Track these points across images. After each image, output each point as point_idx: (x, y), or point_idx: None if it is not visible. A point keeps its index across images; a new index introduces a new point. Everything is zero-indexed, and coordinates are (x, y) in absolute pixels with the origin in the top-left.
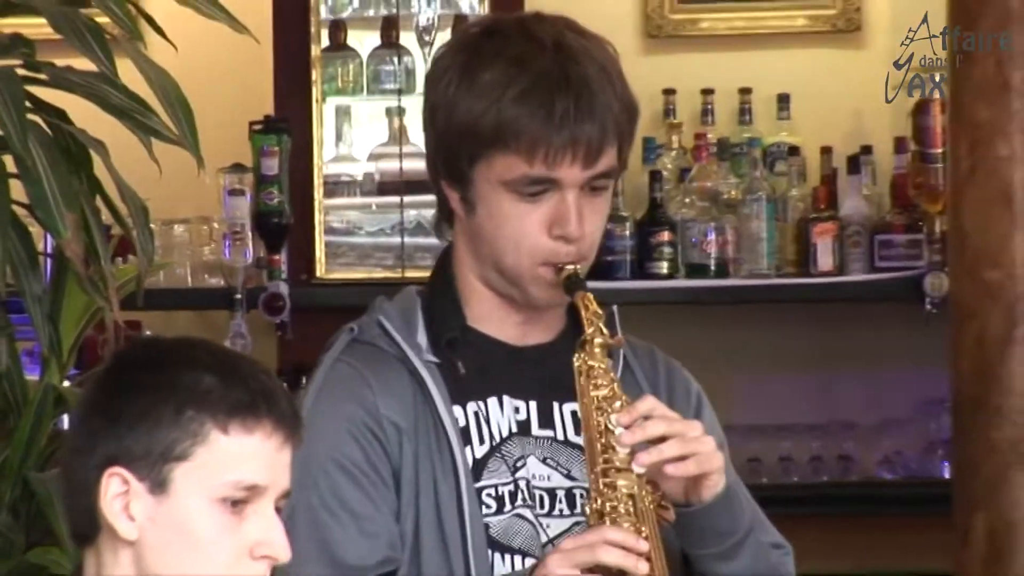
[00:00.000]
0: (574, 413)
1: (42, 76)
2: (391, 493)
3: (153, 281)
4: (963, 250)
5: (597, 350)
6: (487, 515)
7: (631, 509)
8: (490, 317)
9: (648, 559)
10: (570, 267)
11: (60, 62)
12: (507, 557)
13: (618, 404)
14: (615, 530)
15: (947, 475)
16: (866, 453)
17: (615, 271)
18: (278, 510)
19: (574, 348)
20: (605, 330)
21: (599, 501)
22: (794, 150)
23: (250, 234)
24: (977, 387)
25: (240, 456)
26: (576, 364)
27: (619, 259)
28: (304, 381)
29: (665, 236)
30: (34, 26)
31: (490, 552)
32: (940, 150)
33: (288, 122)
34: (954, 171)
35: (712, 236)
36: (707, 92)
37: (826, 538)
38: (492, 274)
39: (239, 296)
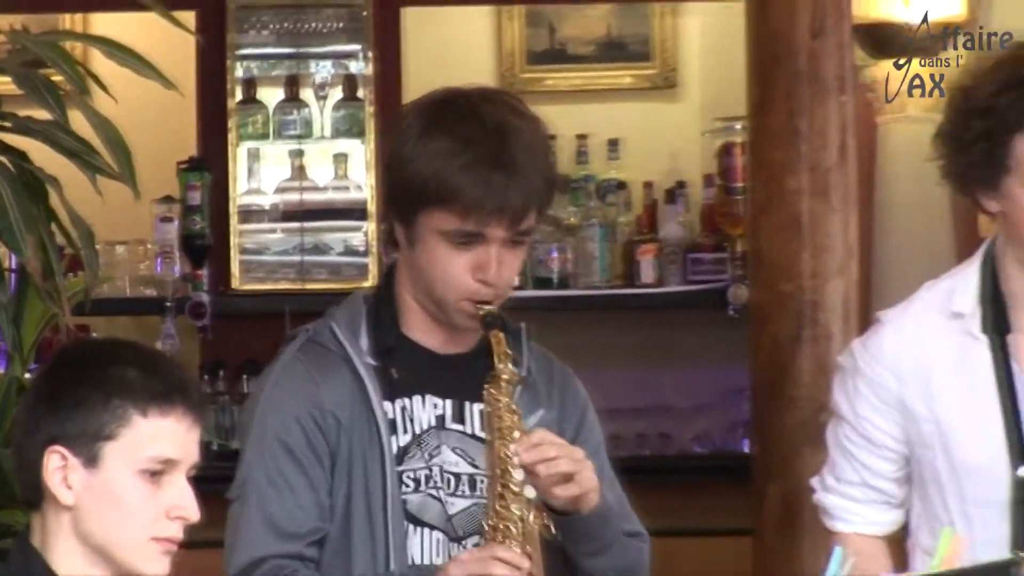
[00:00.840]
0: (482, 412)
1: (7, 124)
2: (326, 473)
3: (98, 292)
4: (760, 266)
5: (503, 385)
6: (406, 493)
7: (520, 529)
8: (420, 328)
9: (529, 574)
10: (488, 307)
11: (22, 112)
12: (420, 528)
13: (517, 434)
14: (504, 548)
15: (747, 450)
16: (681, 432)
17: None
18: (190, 479)
19: (484, 357)
20: (511, 367)
21: (495, 520)
22: (622, 184)
23: (178, 253)
24: (772, 379)
25: (157, 436)
26: (486, 396)
27: None
28: (221, 373)
29: None
30: (1, 83)
31: (406, 523)
32: (741, 184)
33: (209, 162)
34: (753, 202)
35: (555, 255)
36: (551, 138)
37: (649, 502)
38: (423, 297)
39: (169, 304)
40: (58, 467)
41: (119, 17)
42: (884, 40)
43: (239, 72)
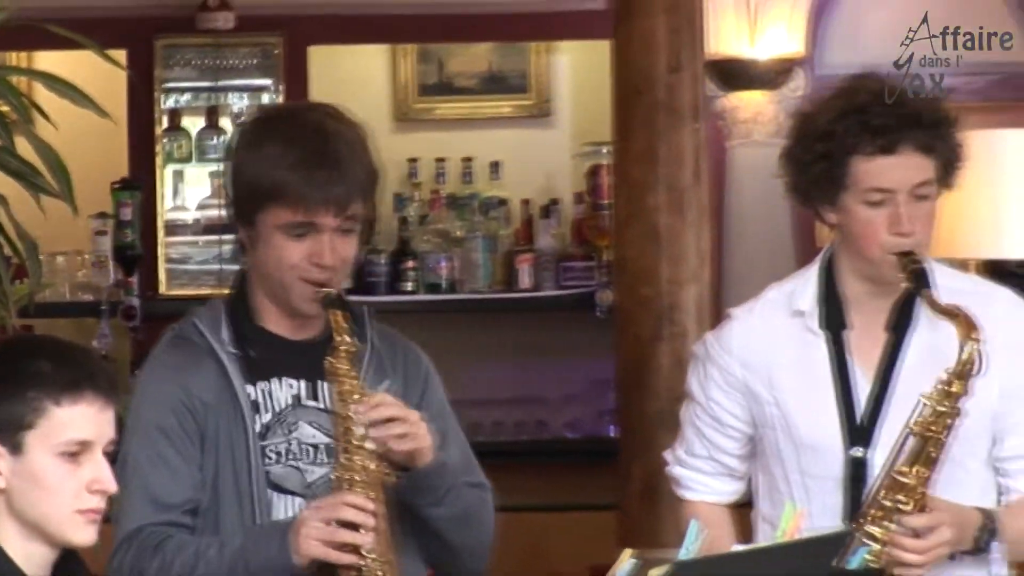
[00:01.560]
0: (333, 347)
1: None
2: (197, 451)
3: (41, 297)
4: (624, 273)
5: (343, 355)
6: (268, 465)
7: (364, 478)
8: (272, 319)
9: (374, 514)
10: (326, 289)
11: None
12: (282, 496)
13: (356, 396)
14: (351, 494)
15: (613, 435)
16: (555, 419)
17: (375, 289)
18: (106, 455)
19: (331, 340)
20: (349, 339)
21: (341, 471)
22: (503, 201)
23: (111, 263)
24: (635, 372)
25: (71, 421)
26: (327, 366)
27: (378, 280)
28: None
29: (410, 264)
30: None
31: (270, 492)
32: (607, 201)
33: (138, 182)
34: (617, 217)
35: (444, 263)
36: (440, 160)
37: (528, 482)
38: (271, 290)
39: (103, 308)
40: None
41: (60, 55)
42: (732, 74)
43: (165, 103)
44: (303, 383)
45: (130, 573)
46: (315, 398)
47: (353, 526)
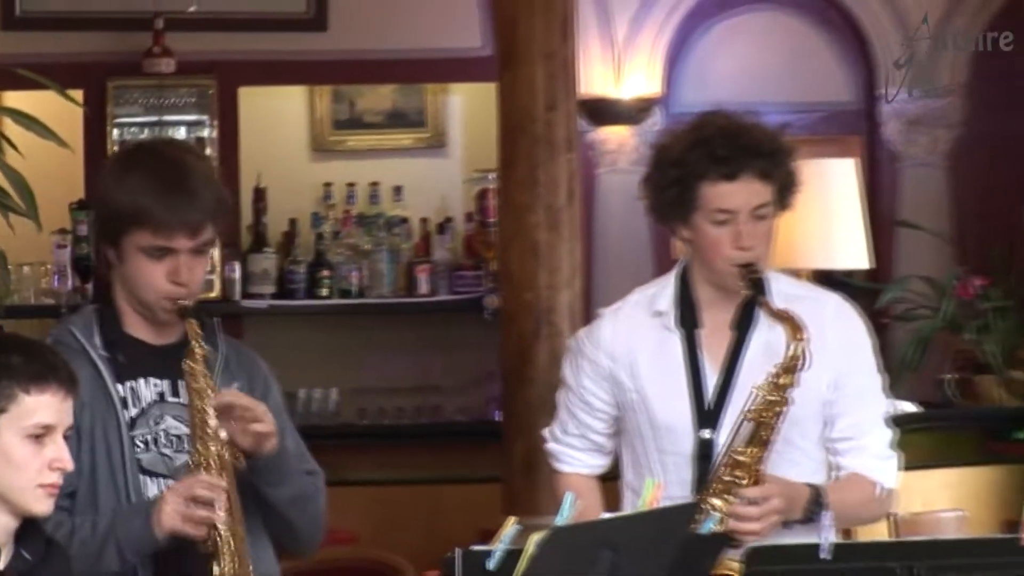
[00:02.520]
0: (188, 350)
1: None
2: (74, 443)
3: (10, 301)
4: (508, 281)
5: (198, 357)
6: (139, 453)
7: (217, 462)
8: (136, 326)
9: (225, 492)
10: (183, 301)
11: None
12: (152, 479)
13: (209, 392)
14: (206, 475)
15: (498, 419)
16: (449, 405)
17: (295, 295)
18: (66, 438)
19: (187, 344)
20: (203, 344)
21: (197, 457)
22: (404, 220)
23: (70, 272)
24: (517, 365)
25: (37, 408)
26: (184, 367)
27: (298, 287)
28: None
29: (326, 272)
30: None
31: (141, 476)
32: (493, 220)
33: (93, 202)
34: (502, 233)
35: (354, 272)
36: (351, 185)
37: (424, 459)
38: (135, 302)
39: (63, 311)
40: None
41: (26, 94)
42: (600, 111)
43: (116, 135)
44: (166, 382)
45: None
46: (176, 395)
47: (206, 503)
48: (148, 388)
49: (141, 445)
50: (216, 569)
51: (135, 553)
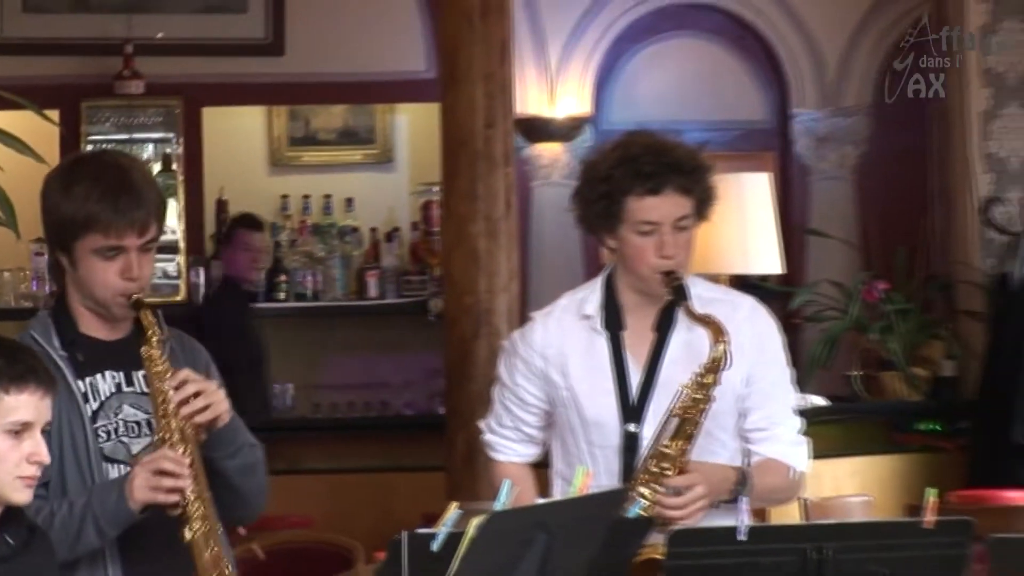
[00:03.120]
0: (145, 376)
1: None
2: (44, 436)
3: None
4: (451, 285)
5: (154, 342)
6: (102, 443)
7: (179, 437)
8: (91, 326)
9: (190, 464)
10: (135, 296)
11: None
12: (114, 466)
13: (168, 375)
14: (170, 451)
15: (442, 412)
16: (396, 399)
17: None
18: (44, 433)
19: (140, 342)
20: (158, 330)
21: (161, 433)
22: (355, 229)
23: (48, 277)
24: (459, 363)
25: (17, 406)
26: (143, 352)
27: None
28: None
29: (283, 277)
30: None
31: (104, 463)
32: (437, 229)
33: None
34: (445, 241)
35: (309, 277)
36: (306, 197)
37: (374, 449)
38: (90, 302)
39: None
40: None
41: (5, 113)
42: (535, 129)
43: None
44: (122, 374)
45: None
46: (131, 385)
47: (173, 475)
48: (106, 382)
49: (103, 435)
50: (188, 533)
51: (113, 526)
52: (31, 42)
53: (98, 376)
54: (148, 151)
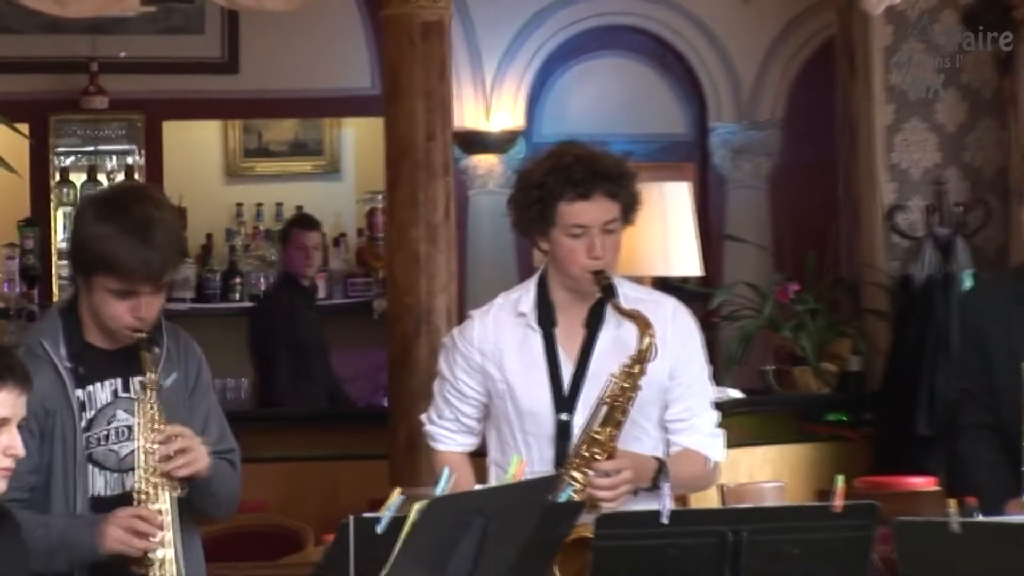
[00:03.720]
0: (140, 381)
1: None
2: (37, 441)
3: None
4: (394, 287)
5: (148, 391)
6: (92, 448)
7: (160, 494)
8: (96, 337)
9: (160, 525)
10: (139, 334)
11: None
12: (102, 472)
13: (158, 426)
14: (144, 508)
15: (386, 404)
16: (348, 392)
17: (212, 299)
18: (19, 428)
19: (134, 351)
20: (152, 375)
21: (141, 485)
22: None
23: (18, 280)
24: (401, 359)
25: None
26: (134, 397)
27: (213, 291)
28: None
29: (238, 279)
30: None
31: (92, 468)
32: (381, 235)
33: (38, 220)
34: (388, 246)
35: (262, 279)
36: (259, 204)
37: (322, 440)
38: (98, 322)
39: (12, 313)
40: None
41: None
42: (472, 141)
43: (57, 162)
44: (119, 380)
45: None
46: (127, 390)
47: (144, 534)
48: (104, 390)
49: (95, 442)
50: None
51: (81, 563)
52: (2, 60)
53: (97, 385)
54: (112, 162)
